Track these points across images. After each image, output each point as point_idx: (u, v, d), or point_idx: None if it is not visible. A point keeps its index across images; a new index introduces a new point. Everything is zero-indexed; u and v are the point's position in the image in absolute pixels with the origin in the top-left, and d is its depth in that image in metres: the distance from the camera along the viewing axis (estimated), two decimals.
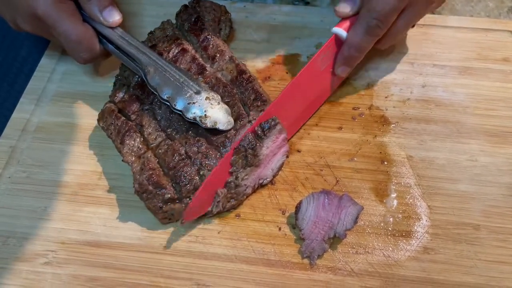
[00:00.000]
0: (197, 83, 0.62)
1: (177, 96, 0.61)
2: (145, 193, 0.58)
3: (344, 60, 0.64)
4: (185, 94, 0.61)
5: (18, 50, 0.79)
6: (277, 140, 0.60)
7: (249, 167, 0.59)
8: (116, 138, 0.63)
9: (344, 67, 0.65)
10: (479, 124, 0.66)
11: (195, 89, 0.61)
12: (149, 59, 0.63)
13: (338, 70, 0.65)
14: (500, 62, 0.71)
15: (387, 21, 0.60)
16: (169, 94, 0.61)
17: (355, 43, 0.62)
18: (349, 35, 0.62)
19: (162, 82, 0.62)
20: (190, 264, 0.58)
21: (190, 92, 0.61)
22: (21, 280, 0.58)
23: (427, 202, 0.61)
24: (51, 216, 0.62)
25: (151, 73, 0.62)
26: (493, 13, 0.81)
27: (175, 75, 0.62)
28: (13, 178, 0.65)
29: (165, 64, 0.63)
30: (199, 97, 0.61)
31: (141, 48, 0.64)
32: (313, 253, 0.57)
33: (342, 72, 0.65)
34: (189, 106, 0.61)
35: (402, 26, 0.63)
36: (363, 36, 0.61)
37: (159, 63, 0.63)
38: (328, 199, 0.58)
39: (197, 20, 0.69)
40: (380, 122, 0.67)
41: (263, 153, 0.59)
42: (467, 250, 0.57)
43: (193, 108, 0.60)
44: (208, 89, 0.62)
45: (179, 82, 0.62)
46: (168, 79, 0.62)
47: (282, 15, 0.78)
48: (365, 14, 0.60)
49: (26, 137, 0.68)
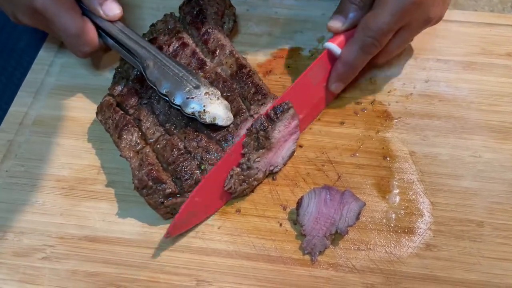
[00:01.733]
0: (196, 78, 0.61)
1: (176, 90, 0.60)
2: (145, 189, 0.58)
3: (338, 77, 0.64)
4: (184, 89, 0.60)
5: (16, 43, 0.78)
6: (289, 125, 0.60)
7: (262, 149, 0.59)
8: (114, 132, 0.62)
9: (338, 84, 0.65)
10: (482, 120, 0.65)
11: (194, 83, 0.61)
12: (148, 53, 0.63)
13: (332, 86, 0.65)
14: (504, 57, 0.71)
15: (382, 40, 0.60)
16: (168, 88, 0.61)
17: (349, 61, 0.62)
18: (343, 52, 0.62)
19: (161, 76, 0.61)
20: (190, 259, 0.57)
21: (189, 87, 0.60)
22: (19, 275, 0.57)
23: (430, 198, 0.60)
24: (50, 210, 0.61)
25: (150, 67, 0.62)
26: (497, 8, 0.80)
27: (174, 69, 0.62)
28: (10, 172, 0.64)
29: (164, 58, 0.62)
30: (198, 92, 0.60)
31: (141, 42, 0.64)
32: (315, 249, 0.56)
33: (336, 88, 0.65)
34: (188, 101, 0.60)
35: (398, 44, 0.63)
36: (358, 54, 0.61)
37: (158, 57, 0.62)
38: (330, 194, 0.58)
39: (199, 13, 0.68)
40: (383, 117, 0.66)
41: (275, 136, 0.59)
42: (470, 247, 0.57)
43: (192, 103, 0.60)
44: (207, 84, 0.62)
45: (178, 76, 0.61)
46: (167, 73, 0.61)
47: (284, 9, 0.77)
48: (361, 32, 0.60)
49: (24, 130, 0.68)
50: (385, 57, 0.65)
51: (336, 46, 0.63)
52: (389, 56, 0.65)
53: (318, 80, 0.64)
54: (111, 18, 0.64)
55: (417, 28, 0.63)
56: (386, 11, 0.58)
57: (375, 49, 0.61)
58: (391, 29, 0.60)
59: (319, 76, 0.64)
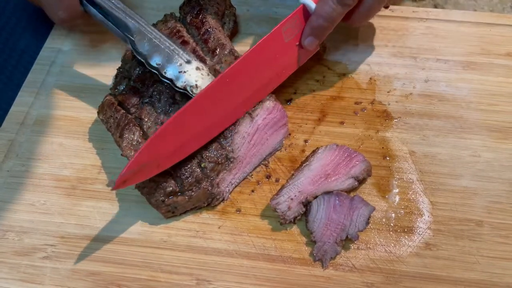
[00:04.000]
0: (187, 53, 0.61)
1: (167, 63, 0.60)
2: (146, 188, 0.58)
3: (311, 31, 0.60)
4: (176, 63, 0.60)
5: (17, 43, 0.78)
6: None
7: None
8: (115, 131, 0.62)
9: (311, 38, 0.61)
10: (482, 120, 0.66)
11: (186, 58, 0.60)
12: (138, 25, 0.61)
13: (305, 41, 0.61)
14: (504, 57, 0.71)
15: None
16: (159, 61, 0.60)
17: (324, 13, 0.59)
18: (318, 4, 0.59)
19: (151, 49, 0.60)
20: (190, 259, 0.58)
21: (181, 61, 0.60)
22: (20, 274, 0.57)
23: (430, 198, 0.60)
24: (50, 210, 0.61)
25: (140, 39, 0.60)
26: (496, 8, 0.80)
27: (166, 43, 0.61)
28: (11, 171, 0.64)
29: (154, 31, 0.61)
30: (190, 66, 0.60)
31: (129, 13, 0.61)
32: (326, 255, 0.56)
33: (309, 44, 0.61)
34: (180, 75, 0.60)
35: (374, 1, 0.60)
36: (333, 5, 0.58)
37: (149, 29, 0.61)
38: (339, 200, 0.57)
39: (199, 13, 0.68)
40: (383, 117, 0.67)
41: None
42: (469, 246, 0.57)
43: (183, 77, 0.60)
44: (197, 59, 0.62)
45: (169, 49, 0.60)
46: (158, 46, 0.60)
47: (284, 8, 0.78)
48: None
49: (25, 130, 0.68)
50: (362, 17, 0.61)
51: (311, 2, 0.59)
52: (366, 16, 0.62)
53: (291, 37, 0.61)
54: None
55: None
56: None
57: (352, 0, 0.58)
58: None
59: (292, 32, 0.60)
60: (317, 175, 0.59)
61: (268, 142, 0.62)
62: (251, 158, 0.62)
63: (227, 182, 0.60)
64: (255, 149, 0.62)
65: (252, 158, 0.62)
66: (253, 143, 0.61)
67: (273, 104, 0.61)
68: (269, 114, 0.61)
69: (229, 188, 0.61)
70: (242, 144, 0.60)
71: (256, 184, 0.62)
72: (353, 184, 0.59)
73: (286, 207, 0.58)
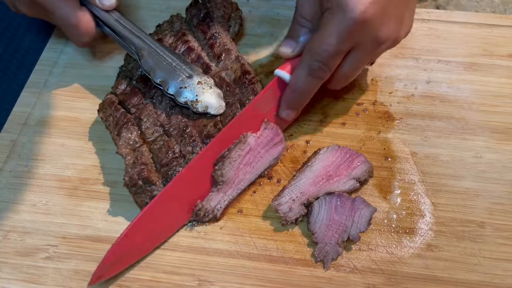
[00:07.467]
0: (189, 67, 0.62)
1: (170, 80, 0.61)
2: (134, 187, 0.58)
3: (287, 104, 0.61)
4: (177, 78, 0.61)
5: (19, 43, 0.78)
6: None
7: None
8: (113, 129, 0.62)
9: (288, 111, 0.61)
10: (484, 121, 0.66)
11: (187, 73, 0.61)
12: (143, 42, 0.63)
13: (283, 113, 0.61)
14: (506, 58, 0.71)
15: (330, 63, 0.56)
16: (162, 78, 0.61)
17: (298, 87, 0.58)
18: (292, 77, 0.59)
19: (155, 66, 0.62)
20: (192, 259, 0.58)
21: (182, 76, 0.61)
22: (22, 274, 0.57)
23: (431, 199, 0.60)
24: (52, 210, 0.62)
25: (144, 56, 0.62)
26: (498, 9, 0.80)
27: (168, 59, 0.62)
28: (14, 172, 0.65)
29: (158, 47, 0.63)
30: (190, 81, 0.61)
31: (136, 32, 0.65)
32: (327, 256, 0.56)
33: (287, 115, 0.61)
34: (181, 90, 0.60)
35: (351, 67, 0.58)
36: (306, 79, 0.57)
37: (153, 46, 0.63)
38: (341, 201, 0.57)
39: (205, 16, 0.68)
40: (384, 118, 0.67)
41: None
42: (471, 247, 0.57)
43: (184, 93, 0.60)
44: (201, 73, 0.62)
45: (171, 66, 0.62)
46: (161, 63, 0.62)
47: (286, 9, 0.78)
48: (307, 56, 0.57)
49: (27, 131, 0.68)
50: (340, 82, 0.60)
51: (285, 73, 0.59)
52: (344, 80, 0.60)
53: (269, 108, 0.61)
54: (107, 7, 0.65)
55: (370, 50, 0.57)
56: (330, 32, 0.54)
57: (324, 73, 0.57)
58: (338, 51, 0.55)
59: (269, 105, 0.61)
60: (319, 176, 0.59)
61: (263, 159, 0.61)
62: (244, 175, 0.60)
63: (216, 201, 0.59)
64: (249, 168, 0.60)
65: (246, 175, 0.60)
66: (245, 163, 0.60)
67: (265, 125, 0.60)
68: (261, 135, 0.60)
69: (220, 205, 0.59)
70: (232, 167, 0.59)
71: (258, 185, 0.62)
72: (355, 185, 0.59)
73: (288, 208, 0.58)
